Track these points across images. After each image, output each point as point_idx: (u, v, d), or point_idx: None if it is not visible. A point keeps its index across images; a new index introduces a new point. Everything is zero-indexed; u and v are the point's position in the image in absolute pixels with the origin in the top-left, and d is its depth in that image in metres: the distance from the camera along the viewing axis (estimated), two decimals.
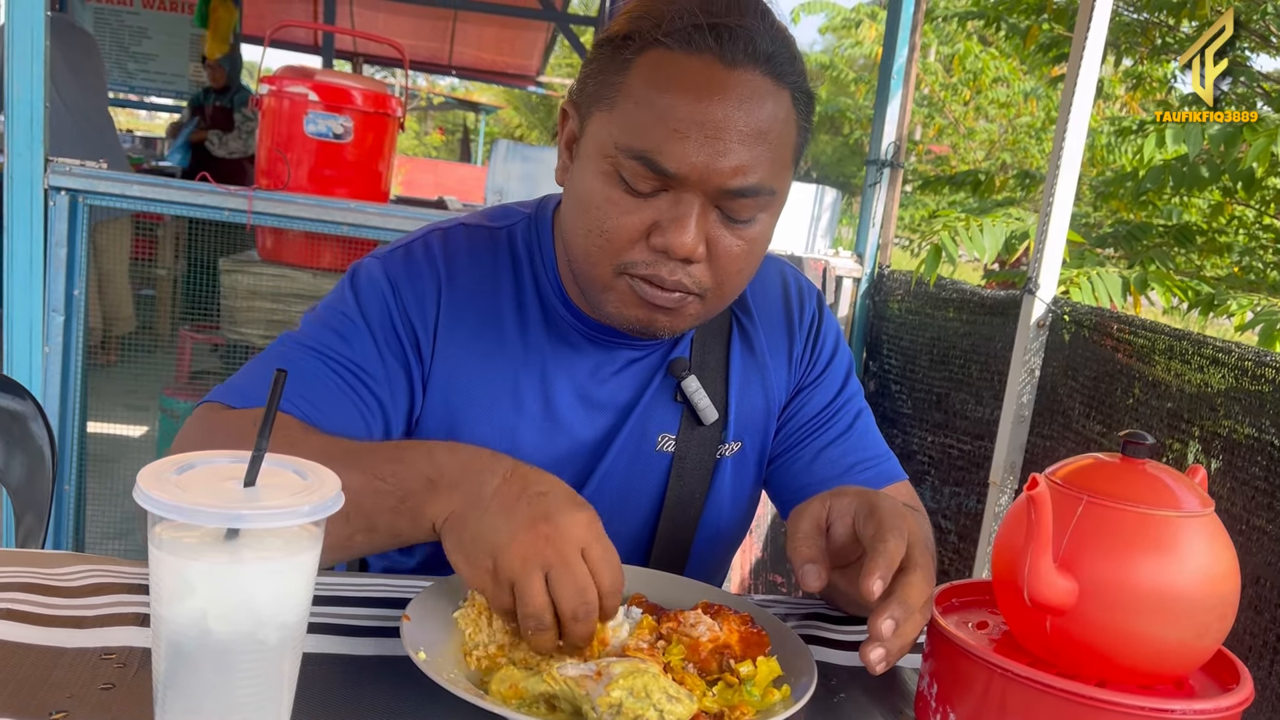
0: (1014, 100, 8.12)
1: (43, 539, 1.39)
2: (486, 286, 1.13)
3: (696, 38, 0.96)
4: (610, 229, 0.99)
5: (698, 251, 0.98)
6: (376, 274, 1.10)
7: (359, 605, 0.95)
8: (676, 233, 0.97)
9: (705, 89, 0.95)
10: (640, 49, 0.98)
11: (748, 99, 0.96)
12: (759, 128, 0.97)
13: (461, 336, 1.11)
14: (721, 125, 0.95)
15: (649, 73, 0.97)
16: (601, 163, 0.99)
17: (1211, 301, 2.63)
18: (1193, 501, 0.79)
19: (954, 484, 2.84)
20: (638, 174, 0.97)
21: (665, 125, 0.95)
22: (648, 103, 0.96)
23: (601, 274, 1.02)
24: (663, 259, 0.99)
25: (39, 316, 2.52)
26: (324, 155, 2.89)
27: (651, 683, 0.76)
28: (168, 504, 0.64)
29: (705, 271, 1.01)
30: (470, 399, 1.11)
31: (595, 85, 1.02)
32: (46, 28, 2.40)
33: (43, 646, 0.81)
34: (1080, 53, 2.32)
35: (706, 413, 1.17)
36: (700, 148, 0.95)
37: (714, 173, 0.96)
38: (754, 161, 0.97)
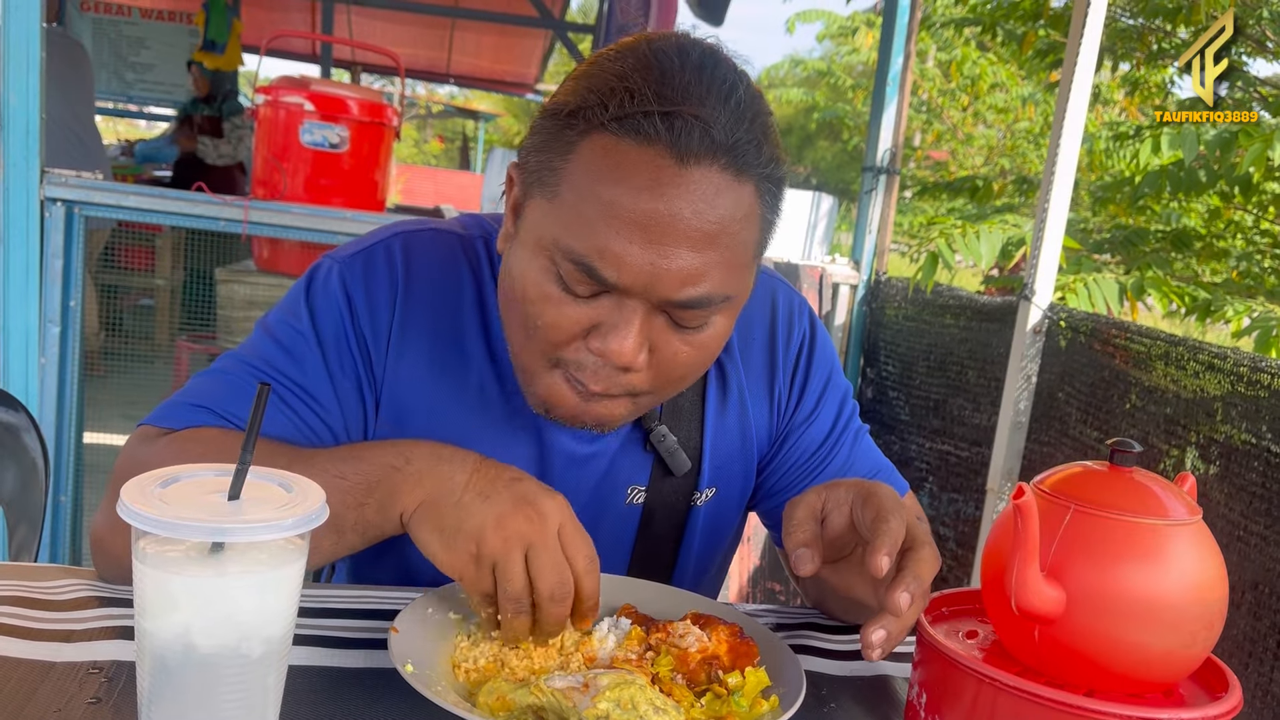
0: (1012, 105, 8.12)
1: (36, 551, 1.38)
2: (448, 295, 1.06)
3: (646, 126, 0.85)
4: (545, 325, 0.91)
5: (638, 361, 0.90)
6: (333, 284, 1.04)
7: (346, 617, 0.95)
8: (616, 340, 0.89)
9: (653, 187, 0.85)
10: (585, 131, 0.88)
11: (701, 198, 0.86)
12: (711, 231, 0.87)
13: (418, 346, 1.05)
14: (669, 229, 0.86)
15: (592, 161, 0.87)
16: (539, 256, 0.91)
17: (1208, 307, 2.63)
18: (1180, 510, 0.79)
19: (952, 490, 2.83)
20: (575, 278, 0.88)
21: (608, 227, 0.86)
22: (590, 196, 0.87)
23: (533, 364, 0.95)
24: (598, 363, 0.91)
25: (35, 328, 2.53)
26: (320, 165, 2.89)
27: (638, 694, 0.76)
28: (152, 518, 0.64)
29: (645, 378, 0.93)
30: (425, 411, 1.05)
31: (536, 163, 0.93)
32: (42, 40, 2.41)
33: (30, 660, 0.81)
34: (1074, 59, 2.32)
35: (678, 463, 1.10)
36: (644, 254, 0.86)
37: (659, 283, 0.87)
38: (704, 268, 0.88)
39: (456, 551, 0.83)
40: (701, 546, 1.18)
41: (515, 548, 0.82)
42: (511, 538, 0.82)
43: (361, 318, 1.03)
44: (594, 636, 0.89)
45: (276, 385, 1.00)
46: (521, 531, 0.83)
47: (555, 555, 0.83)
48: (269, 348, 1.02)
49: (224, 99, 6.30)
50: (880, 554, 0.83)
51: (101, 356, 3.92)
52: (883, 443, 3.21)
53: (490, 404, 1.06)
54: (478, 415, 1.06)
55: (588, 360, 0.92)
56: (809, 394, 1.18)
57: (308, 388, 1.01)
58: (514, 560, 0.82)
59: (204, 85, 6.25)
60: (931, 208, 8.78)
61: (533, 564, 0.82)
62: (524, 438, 1.08)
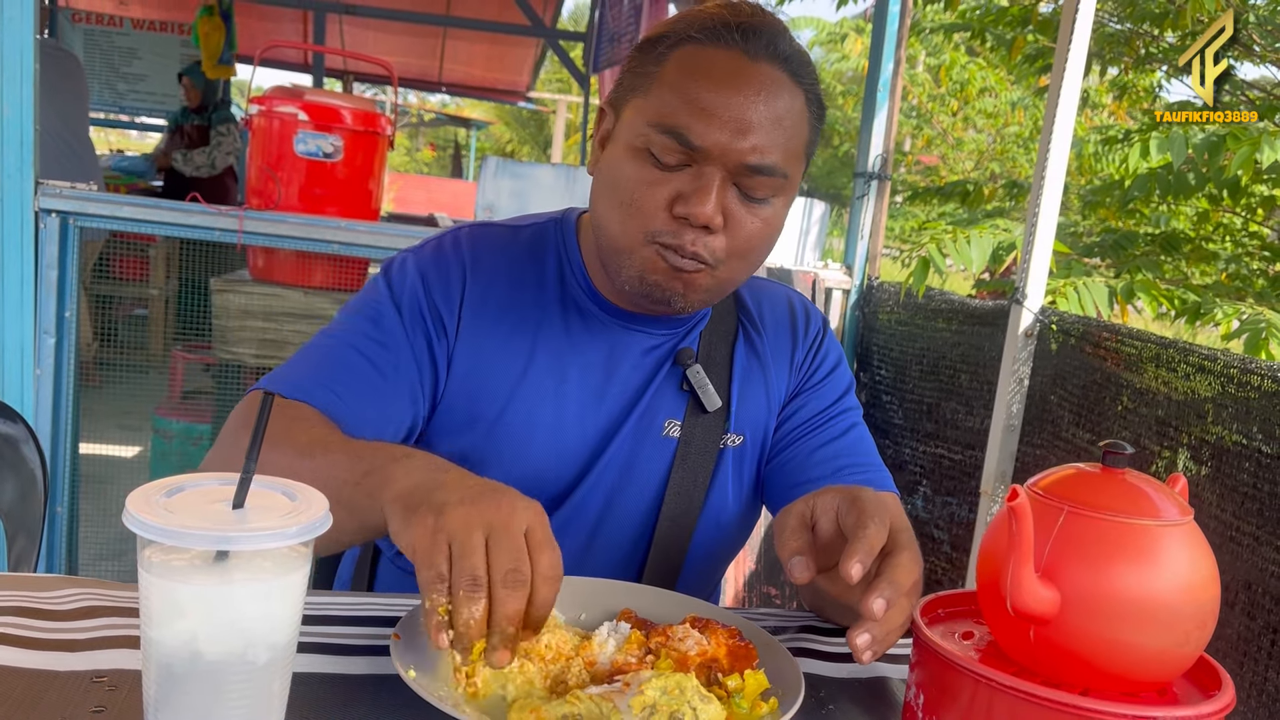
0: (1001, 110, 8.17)
1: (35, 561, 1.39)
2: (510, 275, 1.22)
3: (724, 34, 1.08)
4: (639, 199, 1.08)
5: (716, 220, 1.07)
6: (409, 266, 1.20)
7: (349, 624, 0.96)
8: (698, 202, 1.06)
9: (730, 76, 1.06)
10: (674, 45, 1.10)
11: (767, 88, 1.07)
12: (776, 114, 1.07)
13: (485, 319, 1.19)
14: (743, 108, 1.06)
15: (681, 63, 1.09)
16: (634, 141, 1.09)
17: (1198, 310, 2.65)
18: (1172, 510, 0.80)
19: (946, 493, 2.85)
20: (666, 147, 1.07)
21: (694, 106, 1.06)
22: (679, 88, 1.07)
23: (631, 242, 1.10)
24: (685, 227, 1.07)
25: (30, 338, 2.53)
26: (314, 174, 2.90)
27: (685, 681, 0.77)
28: (157, 527, 0.64)
29: (721, 243, 1.09)
30: (488, 375, 1.18)
31: (631, 79, 1.13)
32: (35, 52, 2.42)
33: (34, 670, 0.81)
34: (1063, 64, 2.34)
35: (710, 399, 1.23)
36: (724, 127, 1.05)
37: (734, 149, 1.06)
38: (770, 143, 1.07)
39: (414, 525, 0.80)
40: (731, 491, 1.27)
41: (476, 527, 0.78)
42: (473, 516, 0.79)
43: (436, 293, 1.18)
44: (594, 641, 0.89)
45: (360, 349, 1.13)
46: (485, 513, 0.79)
47: (516, 542, 0.79)
48: (353, 319, 1.17)
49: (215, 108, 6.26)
50: (853, 560, 0.85)
51: (96, 367, 3.92)
52: (878, 446, 3.22)
53: (554, 347, 1.21)
54: (546, 355, 1.20)
55: (674, 228, 1.08)
56: (821, 368, 1.33)
57: (386, 343, 1.14)
58: (473, 536, 0.78)
59: (195, 96, 6.22)
60: (923, 212, 8.81)
61: (491, 546, 0.78)
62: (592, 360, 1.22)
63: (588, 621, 0.98)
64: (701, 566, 1.26)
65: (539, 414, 1.19)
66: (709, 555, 1.27)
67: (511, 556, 0.78)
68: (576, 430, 1.20)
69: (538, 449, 1.19)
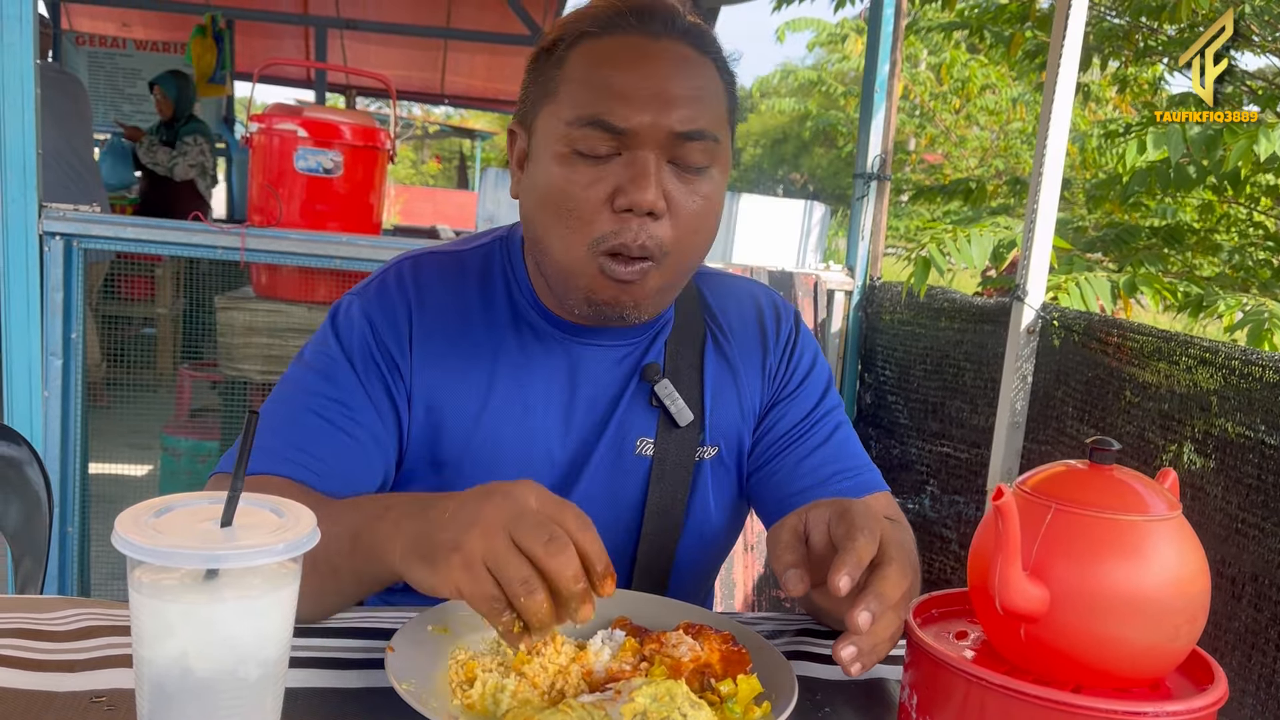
0: (1003, 107, 8.15)
1: (41, 582, 1.40)
2: (457, 304, 1.19)
3: (620, 21, 1.07)
4: (577, 203, 1.05)
5: (659, 205, 1.04)
6: (355, 312, 1.16)
7: (342, 637, 0.97)
8: (638, 189, 1.03)
9: (638, 58, 1.05)
10: (571, 45, 1.08)
11: (677, 62, 1.06)
12: (692, 84, 1.06)
13: (437, 353, 1.16)
14: (659, 83, 1.04)
15: (584, 58, 1.07)
16: (556, 146, 1.06)
17: (1200, 303, 2.64)
18: (1160, 505, 0.80)
19: (953, 492, 2.84)
20: (592, 138, 1.04)
21: (610, 91, 1.04)
22: (590, 80, 1.05)
23: (575, 258, 1.07)
24: (629, 220, 1.04)
25: (37, 361, 2.55)
26: (315, 190, 2.92)
27: (675, 688, 0.78)
28: (146, 548, 0.65)
29: (667, 230, 1.06)
30: (447, 412, 1.16)
31: (535, 90, 1.11)
32: (36, 76, 2.44)
33: (33, 691, 0.82)
34: (1058, 59, 2.34)
35: (681, 414, 1.19)
36: (645, 103, 1.03)
37: (662, 123, 1.03)
38: (695, 109, 1.05)
39: (444, 568, 0.81)
40: (712, 503, 1.24)
41: (497, 534, 0.79)
42: (489, 527, 0.79)
43: (386, 335, 1.15)
44: (589, 649, 0.90)
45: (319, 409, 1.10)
46: (495, 518, 0.80)
47: (536, 518, 0.80)
48: (307, 376, 1.14)
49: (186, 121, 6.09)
50: (840, 573, 0.84)
51: (105, 387, 3.95)
52: (882, 446, 3.22)
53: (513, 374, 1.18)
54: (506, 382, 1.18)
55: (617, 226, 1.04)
56: (796, 373, 1.28)
57: (343, 398, 1.12)
58: (500, 546, 0.78)
59: (167, 107, 6.05)
60: (928, 211, 8.80)
61: (517, 538, 0.79)
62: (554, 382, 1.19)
63: (583, 629, 0.99)
64: (688, 579, 1.25)
65: (505, 448, 1.16)
66: (695, 567, 1.26)
67: (540, 531, 0.79)
68: (545, 460, 1.18)
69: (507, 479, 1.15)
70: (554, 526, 0.80)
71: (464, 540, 0.80)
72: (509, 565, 0.78)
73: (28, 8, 2.40)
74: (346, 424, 1.10)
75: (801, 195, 19.34)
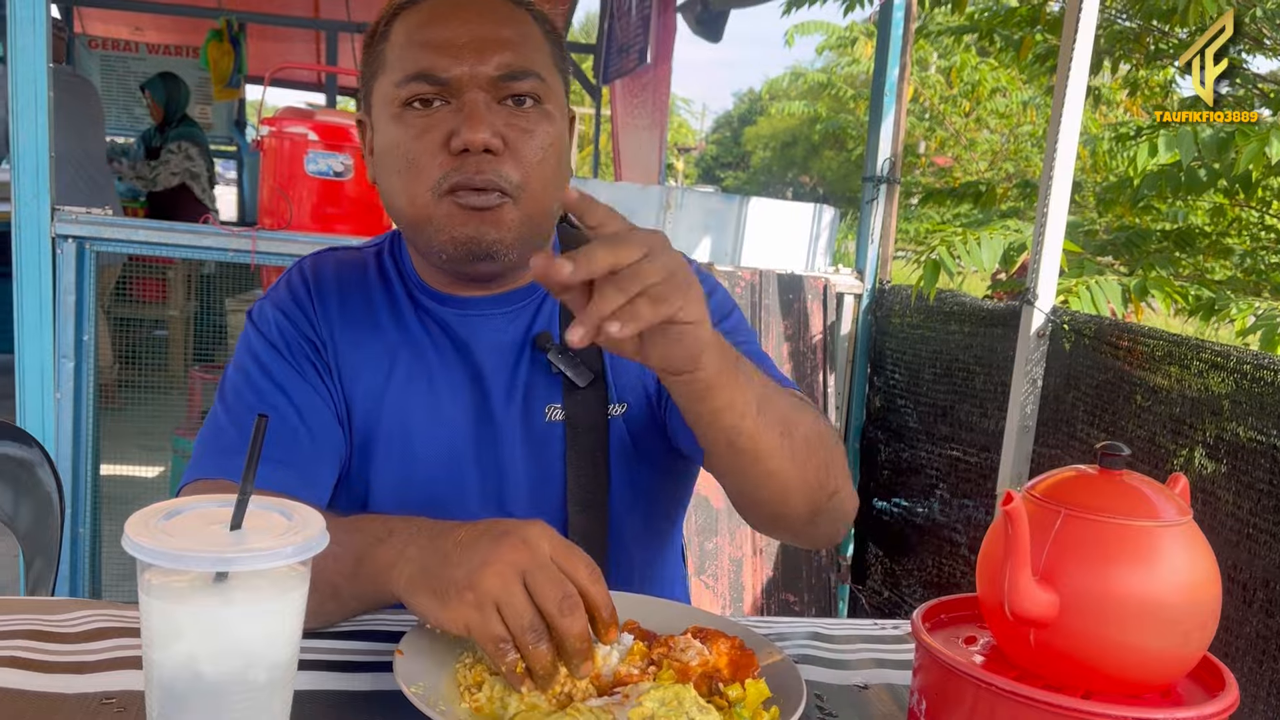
0: (1013, 110, 8.14)
1: (53, 583, 1.41)
2: (357, 290, 1.23)
3: None
4: (415, 154, 1.09)
5: (494, 142, 1.07)
6: (267, 309, 1.21)
7: (351, 639, 0.97)
8: (470, 128, 1.06)
9: (451, 13, 1.10)
10: (390, 20, 1.14)
11: (489, 11, 1.11)
12: (507, 30, 1.11)
13: (343, 340, 1.20)
14: (474, 30, 1.09)
15: (402, 26, 1.12)
16: (390, 109, 1.11)
17: (1212, 306, 2.63)
18: (1171, 511, 0.80)
19: (963, 496, 2.83)
20: (418, 91, 1.08)
21: (428, 46, 1.09)
22: (409, 43, 1.10)
23: (422, 204, 1.09)
24: (467, 159, 1.07)
25: (49, 363, 2.56)
26: (325, 193, 2.93)
27: (684, 693, 0.78)
28: (155, 550, 0.65)
29: (511, 165, 1.08)
30: (358, 392, 1.19)
31: (367, 71, 1.16)
32: (49, 80, 2.45)
33: (44, 693, 0.83)
34: (1069, 62, 2.33)
35: (580, 374, 1.20)
36: (463, 51, 1.08)
37: (481, 69, 1.08)
38: (513, 52, 1.09)
39: (455, 605, 0.83)
40: (631, 464, 1.23)
41: (511, 579, 0.82)
42: (504, 570, 0.82)
43: (297, 320, 1.20)
44: (597, 653, 0.90)
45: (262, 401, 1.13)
46: (512, 561, 0.82)
47: (552, 572, 0.83)
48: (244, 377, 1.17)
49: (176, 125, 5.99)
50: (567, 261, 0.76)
51: (116, 388, 3.96)
52: (892, 450, 3.21)
53: (413, 352, 1.20)
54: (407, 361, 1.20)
55: (457, 164, 1.07)
56: None
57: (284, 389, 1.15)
58: (513, 591, 0.81)
59: (157, 112, 5.98)
60: (937, 214, 8.78)
61: (532, 588, 0.82)
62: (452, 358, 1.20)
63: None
64: (630, 542, 1.23)
65: (413, 424, 1.18)
66: (634, 528, 1.24)
67: (555, 587, 0.82)
68: (456, 435, 1.18)
69: (421, 459, 1.18)
70: (568, 584, 0.83)
71: (478, 579, 0.82)
72: (522, 615, 0.81)
73: (41, 11, 2.42)
74: (293, 413, 1.13)
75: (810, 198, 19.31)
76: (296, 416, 1.13)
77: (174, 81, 6.00)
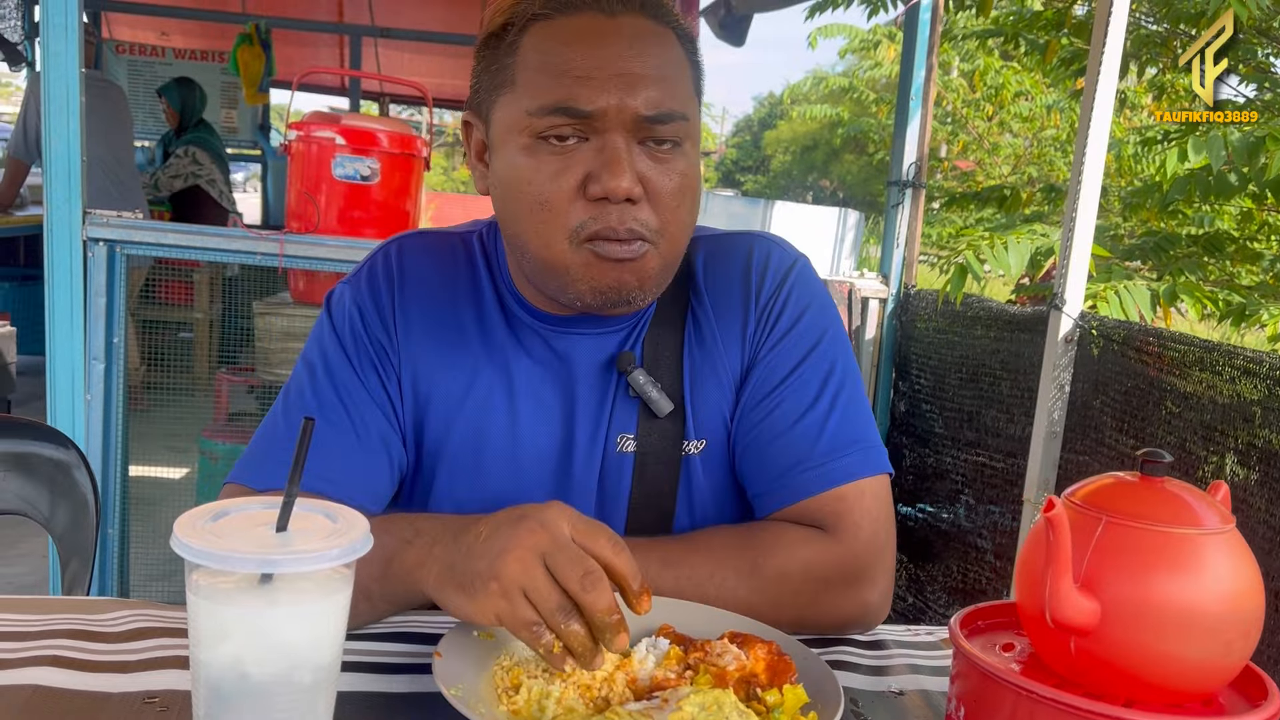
0: (1037, 114, 8.09)
1: (88, 584, 1.42)
2: (443, 283, 1.17)
3: (569, 0, 1.03)
4: (548, 196, 1.02)
5: (635, 190, 1.01)
6: (346, 301, 1.17)
7: (389, 641, 0.97)
8: (611, 175, 0.99)
9: (596, 38, 1.01)
10: (522, 29, 1.04)
11: (637, 38, 1.02)
12: (656, 61, 1.02)
13: (420, 330, 1.15)
14: (622, 63, 1.00)
15: (538, 42, 1.02)
16: (519, 138, 1.03)
17: (1243, 311, 2.60)
18: (1213, 519, 0.79)
19: (988, 502, 2.82)
20: (557, 125, 1.00)
21: (571, 75, 1.00)
22: (545, 66, 1.01)
23: (558, 250, 1.03)
24: (606, 208, 1.01)
25: (80, 365, 2.58)
26: (352, 197, 2.94)
27: (723, 697, 0.78)
28: (203, 551, 0.66)
29: (649, 212, 1.03)
30: (435, 394, 1.15)
31: (489, 79, 1.07)
32: (81, 86, 2.48)
33: (88, 692, 0.84)
34: (1098, 66, 2.32)
35: (659, 404, 1.12)
36: (610, 85, 0.99)
37: (629, 105, 1.00)
38: (661, 88, 1.01)
39: (482, 597, 0.83)
40: (699, 500, 1.17)
41: (532, 563, 0.81)
42: (524, 555, 0.82)
43: (370, 320, 1.15)
44: (633, 657, 0.90)
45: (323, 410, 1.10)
46: (531, 545, 0.82)
47: (572, 551, 0.82)
48: (308, 381, 1.14)
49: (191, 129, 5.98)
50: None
51: (144, 390, 4.00)
52: (917, 455, 3.20)
53: (499, 361, 1.15)
54: (491, 369, 1.15)
55: (596, 213, 1.01)
56: (778, 328, 1.16)
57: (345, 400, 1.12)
58: (535, 574, 0.81)
59: (173, 117, 5.98)
60: (960, 218, 8.74)
61: (553, 569, 0.81)
62: (539, 374, 1.16)
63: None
64: None
65: (489, 437, 1.13)
66: None
67: (575, 565, 0.81)
68: (532, 454, 1.14)
69: (490, 476, 1.14)
70: (588, 560, 0.82)
71: (500, 568, 0.82)
72: (547, 596, 0.81)
73: (74, 18, 2.45)
74: (352, 425, 1.11)
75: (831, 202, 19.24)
76: (351, 430, 1.11)
77: (189, 86, 6.02)
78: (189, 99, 5.98)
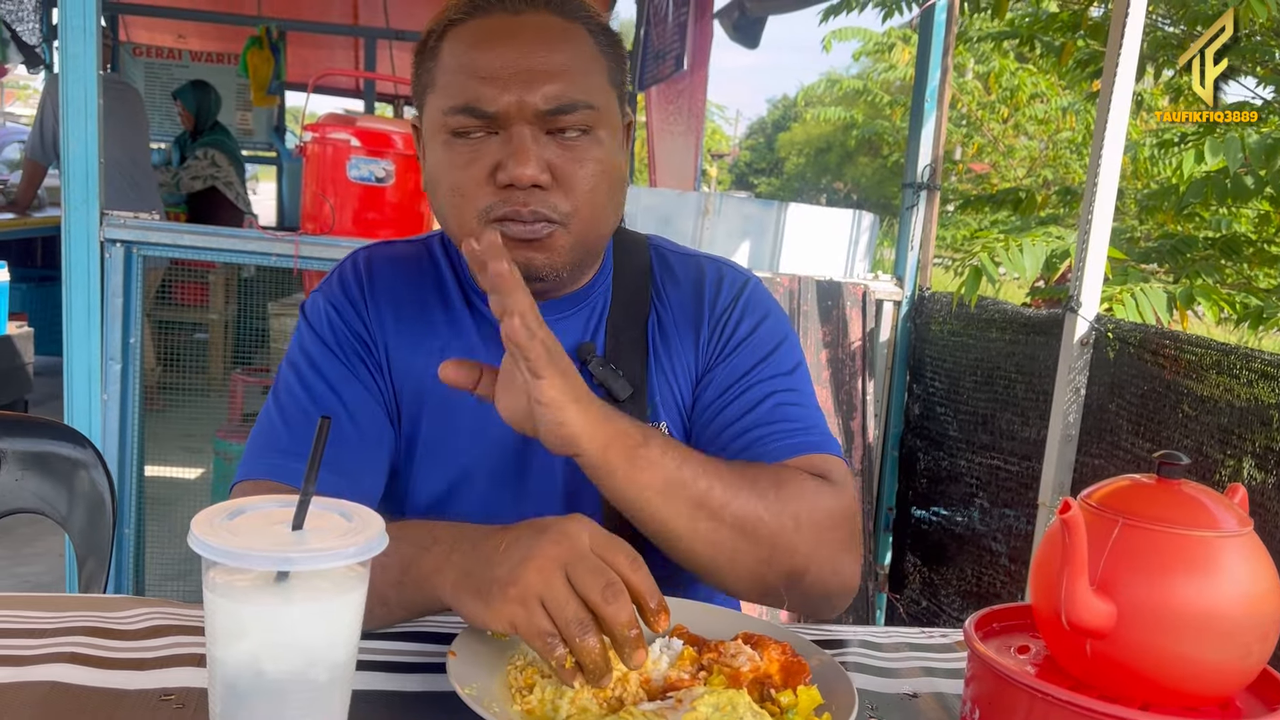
0: (1053, 116, 8.06)
1: (105, 583, 1.43)
2: (410, 284, 1.22)
3: (481, 3, 1.10)
4: (460, 182, 1.08)
5: (542, 177, 1.05)
6: (320, 303, 1.21)
7: (403, 640, 0.98)
8: (516, 164, 1.04)
9: (500, 36, 1.07)
10: (441, 35, 1.11)
11: (540, 34, 1.08)
12: (559, 56, 1.07)
13: (394, 333, 1.19)
14: (521, 60, 1.06)
15: (453, 45, 1.09)
16: (440, 135, 1.09)
17: (1260, 315, 2.59)
18: (1231, 521, 0.79)
19: (1003, 505, 2.81)
20: (465, 124, 1.07)
21: (475, 76, 1.06)
22: (457, 67, 1.08)
23: (471, 230, 1.08)
24: (513, 193, 1.06)
25: (97, 365, 2.60)
26: (367, 199, 2.95)
27: (737, 698, 0.78)
28: (220, 548, 0.66)
29: (560, 197, 1.08)
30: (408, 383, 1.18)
31: (418, 84, 1.14)
32: (99, 87, 2.49)
33: (104, 689, 0.84)
34: (1114, 68, 2.31)
35: (619, 388, 1.17)
36: (509, 84, 1.05)
37: (528, 103, 1.05)
38: (561, 82, 1.06)
39: (499, 603, 0.83)
40: None
41: (553, 573, 0.82)
42: (545, 564, 0.83)
43: (348, 316, 1.20)
44: (648, 657, 0.90)
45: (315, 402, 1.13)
46: (552, 555, 0.83)
47: (593, 562, 0.83)
48: (297, 375, 1.17)
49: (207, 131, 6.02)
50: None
51: (159, 391, 4.02)
52: (931, 458, 3.19)
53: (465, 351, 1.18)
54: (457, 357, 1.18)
55: (505, 197, 1.06)
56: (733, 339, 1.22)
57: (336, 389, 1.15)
58: (556, 585, 0.82)
59: (188, 119, 6.03)
60: (975, 221, 8.71)
61: (574, 579, 0.82)
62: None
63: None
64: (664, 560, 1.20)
65: (458, 424, 1.16)
66: None
67: (597, 577, 0.82)
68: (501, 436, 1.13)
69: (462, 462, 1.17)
70: (610, 572, 0.83)
71: (520, 575, 0.83)
72: (566, 608, 0.81)
73: (92, 20, 2.46)
74: (344, 414, 1.13)
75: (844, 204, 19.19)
76: (347, 418, 1.13)
77: (204, 89, 6.06)
78: (204, 102, 6.02)
